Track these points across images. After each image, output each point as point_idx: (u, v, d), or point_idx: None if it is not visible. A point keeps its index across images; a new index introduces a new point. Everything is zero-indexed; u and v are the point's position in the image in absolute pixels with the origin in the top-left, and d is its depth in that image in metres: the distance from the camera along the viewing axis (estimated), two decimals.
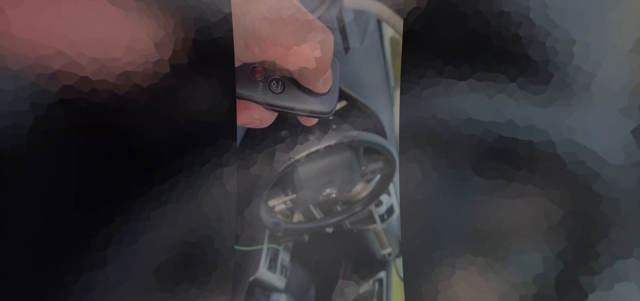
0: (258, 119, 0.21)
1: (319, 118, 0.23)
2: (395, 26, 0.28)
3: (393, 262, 0.29)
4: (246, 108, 0.21)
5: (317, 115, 0.22)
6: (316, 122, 0.24)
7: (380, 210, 0.29)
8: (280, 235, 0.28)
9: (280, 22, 0.17)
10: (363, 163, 0.29)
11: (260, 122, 0.21)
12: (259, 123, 0.21)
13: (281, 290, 0.27)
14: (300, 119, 0.24)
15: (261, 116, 0.21)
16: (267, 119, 0.22)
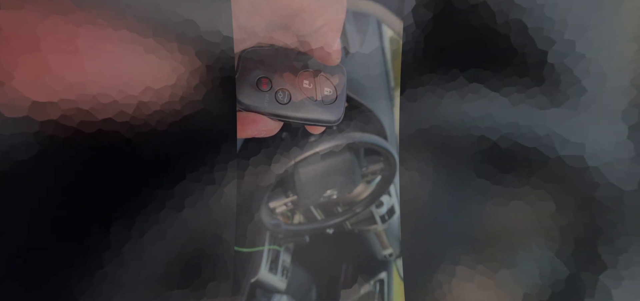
0: (264, 130, 0.21)
1: (325, 127, 0.23)
2: (394, 28, 0.28)
3: (394, 263, 0.29)
4: (253, 121, 0.21)
5: (324, 124, 0.22)
6: (323, 130, 0.24)
7: (381, 211, 0.29)
8: (281, 236, 0.28)
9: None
10: (363, 165, 0.29)
11: (266, 132, 0.21)
12: (265, 133, 0.22)
13: (282, 291, 0.28)
14: (307, 127, 0.24)
15: (267, 127, 0.21)
16: (273, 129, 0.22)
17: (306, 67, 0.23)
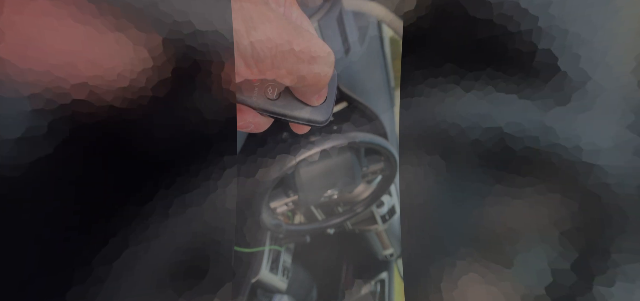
0: (252, 123, 0.21)
1: (312, 127, 0.23)
2: (395, 28, 0.28)
3: (395, 263, 0.29)
4: (240, 111, 0.20)
5: (312, 124, 0.22)
6: (309, 129, 0.24)
7: (381, 211, 0.29)
8: (282, 236, 0.28)
9: (281, 53, 0.17)
10: (364, 164, 0.29)
11: (255, 126, 0.21)
12: (253, 127, 0.21)
13: (283, 291, 0.28)
14: (292, 126, 0.23)
15: (255, 121, 0.21)
16: (262, 124, 0.21)
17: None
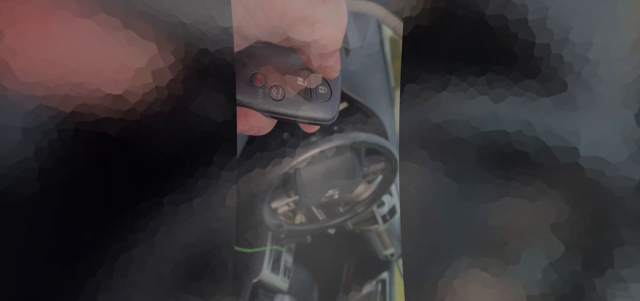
0: (256, 127, 0.21)
1: (320, 126, 0.23)
2: (394, 28, 0.28)
3: (396, 263, 0.29)
4: (244, 115, 0.20)
5: (318, 123, 0.22)
6: (317, 129, 0.24)
7: (382, 211, 0.29)
8: (283, 236, 0.28)
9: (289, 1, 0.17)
10: (365, 164, 0.29)
11: (258, 129, 0.21)
12: (257, 130, 0.21)
13: (284, 291, 0.28)
14: (301, 126, 0.23)
15: (259, 124, 0.21)
16: (266, 127, 0.21)
17: (301, 64, 0.23)
